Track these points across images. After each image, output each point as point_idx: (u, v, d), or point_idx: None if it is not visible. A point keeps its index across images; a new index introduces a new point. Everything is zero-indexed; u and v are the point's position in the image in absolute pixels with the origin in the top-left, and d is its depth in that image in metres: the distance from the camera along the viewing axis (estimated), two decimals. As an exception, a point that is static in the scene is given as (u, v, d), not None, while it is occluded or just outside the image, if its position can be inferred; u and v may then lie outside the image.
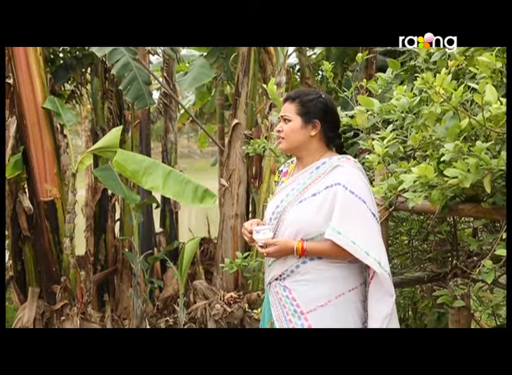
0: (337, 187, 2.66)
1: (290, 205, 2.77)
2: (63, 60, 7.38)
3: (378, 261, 2.62)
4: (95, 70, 7.37)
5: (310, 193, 2.73)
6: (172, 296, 7.05)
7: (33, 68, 6.18)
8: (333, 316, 2.70)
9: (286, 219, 2.76)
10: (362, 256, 2.61)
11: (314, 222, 2.68)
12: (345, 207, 2.64)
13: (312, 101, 2.79)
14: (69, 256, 6.13)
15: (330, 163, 2.74)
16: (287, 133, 2.79)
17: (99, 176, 6.61)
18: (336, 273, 2.73)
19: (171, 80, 7.88)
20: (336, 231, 2.62)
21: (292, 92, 2.94)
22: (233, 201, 6.66)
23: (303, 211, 2.72)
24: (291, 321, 2.73)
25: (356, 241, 2.62)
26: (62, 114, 6.34)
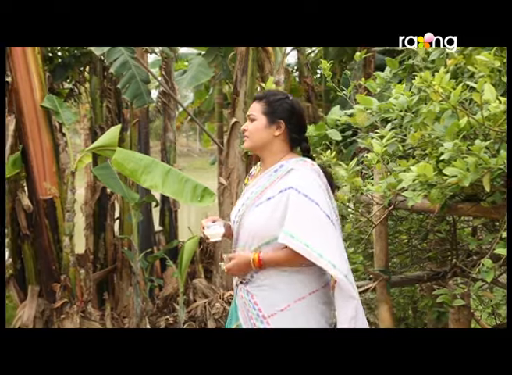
0: (290, 190, 2.67)
1: (248, 208, 2.77)
2: (61, 58, 7.39)
3: (333, 263, 2.61)
4: (94, 69, 7.37)
5: (265, 197, 2.74)
6: (172, 295, 7.05)
7: (31, 66, 6.18)
8: (293, 320, 2.71)
9: (244, 223, 2.76)
10: (315, 259, 2.60)
11: (268, 226, 2.68)
12: (297, 210, 2.65)
13: (278, 102, 2.80)
14: (69, 255, 6.12)
15: (286, 167, 2.76)
16: (251, 131, 2.81)
17: (98, 175, 6.61)
18: (294, 278, 2.73)
19: (169, 79, 7.87)
20: (288, 235, 2.62)
21: (260, 92, 3.00)
22: (232, 200, 6.66)
23: (258, 215, 2.72)
24: (255, 325, 2.76)
25: (309, 243, 2.61)
26: (61, 112, 6.33)
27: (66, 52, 7.33)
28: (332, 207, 2.75)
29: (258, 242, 2.71)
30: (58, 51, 7.33)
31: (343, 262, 2.66)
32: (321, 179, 2.76)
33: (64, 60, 7.29)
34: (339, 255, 2.67)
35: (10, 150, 6.26)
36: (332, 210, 2.74)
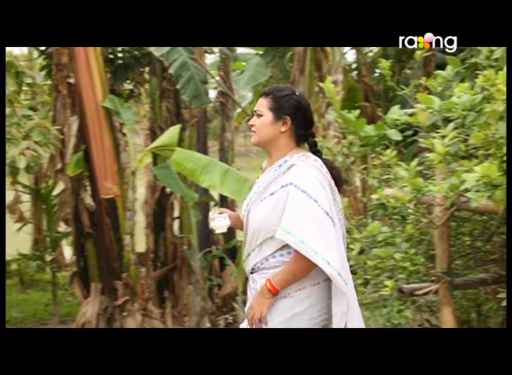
0: (290, 186, 2.70)
1: (254, 203, 2.82)
2: (122, 60, 7.49)
3: (327, 260, 2.63)
4: (153, 70, 7.45)
5: (269, 192, 2.77)
6: (231, 294, 7.09)
7: (93, 68, 6.30)
8: (290, 309, 2.75)
9: (250, 217, 2.82)
10: (310, 255, 2.63)
11: (271, 221, 2.72)
12: (295, 206, 2.67)
13: (284, 98, 2.82)
14: (130, 253, 6.23)
15: (289, 162, 2.78)
16: (258, 127, 2.84)
17: (158, 175, 6.69)
18: None
19: (227, 79, 7.91)
20: (285, 230, 2.65)
21: (267, 88, 2.99)
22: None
23: (261, 210, 2.77)
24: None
25: (304, 239, 2.64)
26: (122, 113, 6.45)
27: (127, 54, 7.43)
28: (333, 203, 2.77)
29: (263, 236, 2.77)
30: (118, 53, 7.44)
31: (338, 260, 2.68)
32: (323, 175, 2.79)
33: (124, 61, 7.40)
34: (335, 252, 2.69)
35: (73, 150, 6.41)
36: (332, 207, 2.76)
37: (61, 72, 6.45)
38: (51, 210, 7.49)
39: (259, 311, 2.77)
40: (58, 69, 6.45)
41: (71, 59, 6.32)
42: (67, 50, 6.31)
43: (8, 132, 5.81)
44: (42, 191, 7.59)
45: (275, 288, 2.72)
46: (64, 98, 6.52)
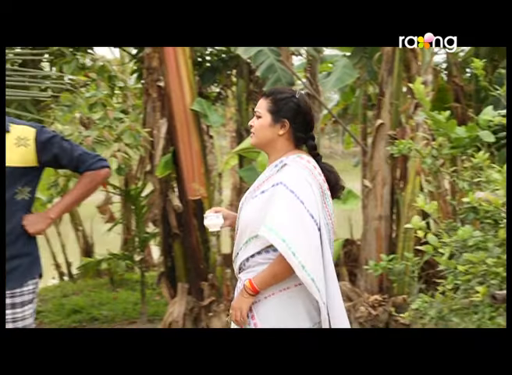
0: (279, 185, 2.70)
1: (246, 201, 2.85)
2: (210, 63, 7.59)
3: (303, 264, 2.61)
4: (240, 72, 7.52)
5: (260, 190, 2.78)
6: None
7: (182, 71, 6.42)
8: (275, 309, 2.76)
9: (241, 216, 2.85)
10: (288, 256, 2.62)
11: (258, 218, 2.72)
12: (281, 206, 2.67)
13: (284, 101, 2.81)
14: (216, 254, 6.30)
15: (284, 162, 2.77)
16: (257, 128, 2.84)
17: (244, 176, 6.74)
18: None
19: (314, 81, 7.88)
20: (268, 228, 2.65)
21: (268, 89, 3.03)
22: (377, 203, 6.56)
23: (251, 207, 2.79)
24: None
25: (286, 239, 2.62)
26: (209, 115, 6.53)
27: (215, 57, 7.53)
28: (322, 207, 2.76)
29: (249, 234, 2.78)
30: (206, 56, 7.55)
31: (315, 265, 2.68)
32: (314, 177, 2.77)
33: (212, 64, 7.49)
34: (313, 256, 2.68)
35: (162, 152, 6.54)
36: (320, 210, 2.75)
37: (151, 75, 6.61)
38: (140, 211, 7.66)
39: (239, 310, 2.80)
40: (149, 73, 6.60)
41: (161, 63, 6.46)
42: (157, 54, 6.45)
43: (101, 135, 5.99)
44: (132, 192, 7.78)
45: (254, 288, 2.74)
46: (154, 101, 6.67)
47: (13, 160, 3.29)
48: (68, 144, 3.43)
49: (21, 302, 3.35)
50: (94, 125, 6.15)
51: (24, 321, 3.38)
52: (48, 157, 3.36)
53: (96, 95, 6.35)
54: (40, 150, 3.33)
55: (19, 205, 3.33)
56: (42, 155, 3.34)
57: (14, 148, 3.30)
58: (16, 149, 3.30)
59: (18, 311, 3.34)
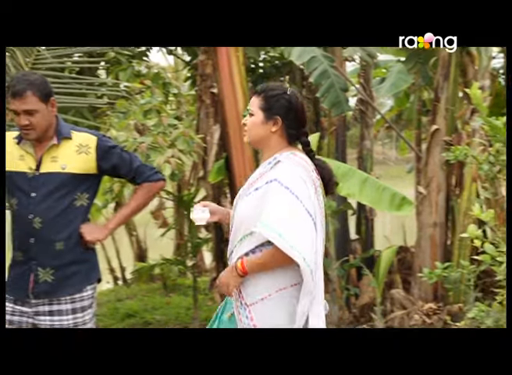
0: (274, 182, 2.71)
1: (240, 198, 2.86)
2: (263, 69, 7.61)
3: (303, 256, 2.62)
4: (293, 78, 7.52)
5: (254, 187, 2.80)
6: (369, 304, 6.97)
7: (235, 77, 6.45)
8: (273, 309, 2.77)
9: (236, 212, 2.86)
10: (287, 249, 2.63)
11: (252, 216, 2.73)
12: (276, 202, 2.68)
13: (275, 97, 2.82)
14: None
15: (277, 159, 2.79)
16: (249, 126, 2.86)
17: (296, 183, 6.72)
18: (278, 268, 2.76)
19: (367, 87, 7.84)
20: (263, 224, 2.66)
21: (260, 86, 2.97)
22: (432, 210, 6.46)
23: (245, 204, 2.80)
24: (240, 313, 2.83)
25: (282, 233, 2.63)
26: (262, 122, 6.53)
27: (268, 63, 7.55)
28: (316, 203, 2.75)
29: (244, 232, 2.80)
30: (260, 62, 7.58)
31: (313, 258, 2.69)
32: (308, 174, 2.78)
33: (265, 71, 7.52)
34: (311, 250, 2.68)
35: (215, 158, 6.58)
36: (315, 206, 2.75)
37: (205, 82, 6.66)
38: (193, 216, 7.70)
39: (225, 285, 2.83)
40: (203, 80, 6.66)
41: (215, 70, 6.51)
42: (211, 61, 6.50)
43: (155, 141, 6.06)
44: (185, 197, 7.83)
45: (244, 270, 2.76)
46: (207, 108, 6.72)
47: (74, 167, 3.35)
48: (127, 155, 3.49)
49: (81, 307, 3.41)
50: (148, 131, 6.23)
51: (85, 326, 3.44)
52: (107, 166, 3.42)
53: (151, 102, 6.43)
54: (101, 158, 3.39)
55: (77, 212, 3.40)
56: (102, 164, 3.40)
57: (75, 155, 3.37)
58: (77, 156, 3.36)
59: (78, 316, 3.40)
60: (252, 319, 2.80)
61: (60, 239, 3.33)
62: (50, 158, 3.35)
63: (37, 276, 3.34)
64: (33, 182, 3.33)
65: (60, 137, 3.36)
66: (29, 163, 3.36)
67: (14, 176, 3.37)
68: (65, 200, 3.34)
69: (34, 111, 3.25)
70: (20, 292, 3.37)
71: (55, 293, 3.35)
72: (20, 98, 3.21)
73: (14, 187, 3.38)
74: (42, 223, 3.31)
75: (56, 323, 3.35)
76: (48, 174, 3.33)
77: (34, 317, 3.37)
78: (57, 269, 3.35)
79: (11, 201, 3.41)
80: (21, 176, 3.35)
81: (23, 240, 3.36)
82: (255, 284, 2.82)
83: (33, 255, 3.34)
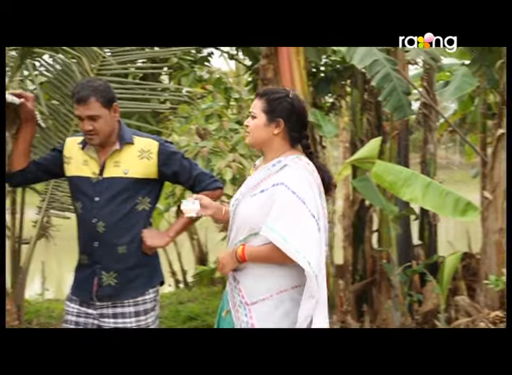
0: (280, 186, 2.74)
1: (243, 198, 2.88)
2: (324, 73, 7.58)
3: (308, 260, 2.65)
4: (355, 82, 7.47)
5: (259, 189, 2.82)
6: (432, 311, 6.85)
7: (296, 82, 6.42)
8: (273, 310, 2.79)
9: (238, 212, 2.88)
10: (292, 253, 2.66)
11: (257, 217, 2.77)
12: (282, 205, 2.71)
13: (278, 100, 2.86)
14: (329, 265, 6.25)
15: (283, 162, 2.82)
16: (252, 129, 2.89)
17: (358, 187, 6.67)
18: (280, 270, 2.80)
19: (431, 90, 7.71)
20: (269, 228, 2.70)
21: (262, 89, 3.00)
22: (497, 215, 6.31)
23: (250, 205, 2.83)
24: (238, 311, 2.88)
25: (287, 238, 2.67)
26: (323, 126, 6.51)
27: (329, 67, 7.52)
28: (320, 207, 2.80)
29: (247, 232, 2.82)
30: (321, 66, 7.55)
31: (317, 263, 2.74)
32: (314, 178, 2.81)
33: (327, 75, 7.48)
34: (316, 254, 2.72)
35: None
36: (320, 210, 2.79)
37: (266, 86, 6.66)
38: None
39: (223, 265, 2.90)
40: (264, 84, 6.65)
41: (276, 74, 6.50)
42: (272, 65, 6.50)
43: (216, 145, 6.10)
44: (245, 201, 7.87)
45: (244, 257, 2.81)
46: (268, 112, 6.72)
47: (136, 172, 3.39)
48: (187, 163, 3.51)
49: (144, 310, 3.45)
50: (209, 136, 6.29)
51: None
52: (168, 171, 3.45)
53: (212, 107, 6.49)
54: (162, 164, 3.42)
55: (139, 216, 3.44)
56: (163, 169, 3.43)
57: (137, 160, 3.41)
58: (139, 161, 3.41)
59: (141, 319, 3.44)
60: (251, 318, 2.84)
61: (122, 243, 3.38)
62: (113, 163, 3.40)
63: (100, 279, 3.40)
64: (97, 187, 3.39)
65: (122, 142, 3.41)
66: (92, 168, 3.42)
67: (78, 181, 3.44)
68: (127, 204, 3.38)
69: (97, 116, 3.31)
70: (85, 295, 3.44)
71: (118, 296, 3.40)
72: (84, 104, 3.28)
73: (78, 191, 3.45)
74: (105, 227, 3.36)
75: (120, 325, 3.40)
76: (110, 179, 3.39)
77: (99, 319, 3.42)
78: (120, 273, 3.40)
79: (75, 205, 3.49)
80: (85, 181, 3.42)
81: (87, 243, 3.43)
82: (257, 284, 2.85)
83: (97, 258, 3.40)
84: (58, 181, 5.70)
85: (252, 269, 2.87)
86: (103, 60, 5.93)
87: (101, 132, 3.34)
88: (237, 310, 2.90)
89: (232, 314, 2.95)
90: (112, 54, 6.04)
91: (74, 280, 3.56)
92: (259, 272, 2.86)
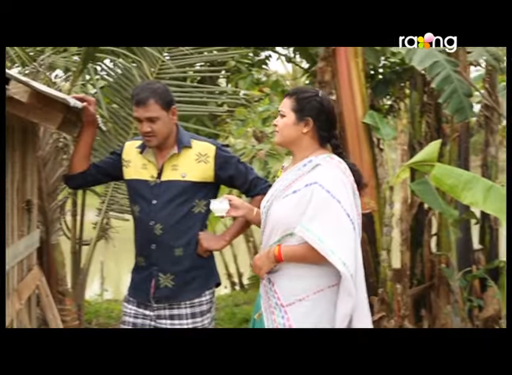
0: (314, 185, 2.75)
1: (276, 199, 2.88)
2: (383, 75, 7.51)
3: (343, 261, 2.66)
4: (414, 84, 7.37)
5: (292, 190, 2.83)
6: (493, 317, 6.70)
7: (354, 84, 6.39)
8: (310, 311, 2.80)
9: (271, 213, 2.89)
10: (327, 254, 2.67)
11: (291, 217, 2.78)
12: (318, 205, 2.71)
13: (307, 99, 2.87)
14: (386, 269, 6.18)
15: (314, 162, 2.83)
16: (281, 127, 2.91)
17: (416, 190, 6.56)
18: (315, 270, 2.80)
19: (493, 92, 7.55)
20: (304, 228, 2.71)
21: (291, 88, 3.03)
22: (561, 219, 6.11)
23: (283, 206, 2.83)
24: (273, 313, 2.87)
25: (323, 238, 2.67)
26: (381, 128, 6.44)
27: (387, 69, 7.45)
28: (354, 206, 2.80)
29: (282, 233, 2.83)
30: (379, 68, 7.48)
31: (353, 262, 2.75)
32: (347, 177, 2.83)
33: (385, 77, 7.42)
34: (352, 254, 2.73)
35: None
36: (354, 209, 2.80)
37: (323, 89, 6.64)
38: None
39: (258, 268, 2.90)
40: (321, 87, 6.63)
41: (333, 76, 6.48)
42: (330, 68, 6.48)
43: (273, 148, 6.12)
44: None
45: (280, 257, 2.82)
46: (325, 115, 6.69)
47: (193, 175, 3.43)
48: (243, 167, 3.54)
49: (200, 312, 3.49)
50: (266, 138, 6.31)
51: None
52: (224, 175, 3.48)
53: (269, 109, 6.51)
54: (219, 168, 3.45)
55: (196, 219, 3.47)
56: (220, 173, 3.46)
57: (194, 163, 3.44)
58: (197, 165, 3.44)
59: (198, 320, 3.48)
60: (288, 319, 2.84)
61: (179, 245, 3.42)
62: (171, 167, 3.44)
63: (158, 281, 3.44)
64: (155, 190, 3.44)
65: (181, 146, 3.45)
66: (151, 171, 3.47)
67: (137, 184, 3.49)
68: (184, 207, 3.42)
69: (156, 118, 3.35)
70: (142, 296, 3.49)
71: (175, 298, 3.44)
72: (143, 106, 3.33)
73: (136, 194, 3.50)
74: (163, 230, 3.40)
75: (176, 326, 3.44)
76: (168, 182, 3.43)
77: (156, 321, 3.47)
78: (177, 275, 3.43)
79: (133, 208, 3.55)
80: (144, 184, 3.47)
81: (144, 246, 3.47)
82: (293, 285, 2.85)
83: (155, 260, 3.44)
84: (118, 183, 5.82)
85: (287, 269, 2.88)
86: (162, 64, 6.02)
87: (160, 134, 3.38)
88: (272, 312, 2.90)
89: (264, 317, 2.95)
90: (171, 58, 6.12)
91: (131, 281, 3.62)
92: (295, 272, 2.86)
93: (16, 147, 3.96)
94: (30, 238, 4.38)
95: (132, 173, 3.53)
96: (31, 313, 4.51)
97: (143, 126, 3.37)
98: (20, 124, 3.98)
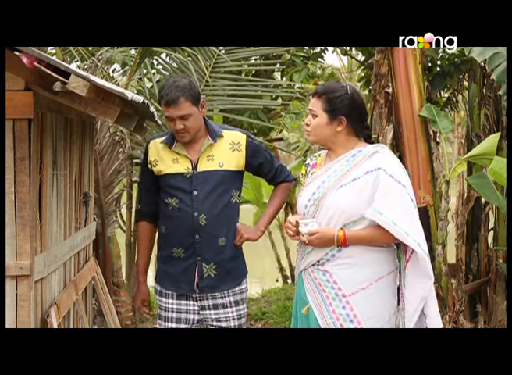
0: (378, 171, 2.79)
1: (330, 190, 2.87)
2: (441, 68, 7.41)
3: (418, 242, 2.72)
4: (473, 76, 7.24)
5: (350, 178, 2.83)
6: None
7: (411, 77, 6.32)
8: (373, 299, 2.84)
9: (326, 205, 2.87)
10: (402, 236, 2.71)
11: (356, 205, 2.79)
12: (386, 190, 2.75)
13: (338, 99, 2.88)
14: (441, 264, 6.11)
15: (367, 150, 2.86)
16: (314, 127, 2.92)
17: (473, 184, 6.46)
18: (376, 257, 2.84)
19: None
20: (377, 211, 2.73)
21: (320, 87, 2.98)
22: None
23: (344, 195, 2.82)
24: (331, 304, 2.87)
25: (396, 221, 2.71)
26: (438, 121, 6.35)
27: (446, 61, 7.33)
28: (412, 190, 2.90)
29: (344, 221, 2.83)
30: (437, 61, 7.37)
31: (425, 243, 2.83)
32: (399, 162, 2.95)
33: (443, 69, 7.31)
34: (423, 235, 2.84)
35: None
36: (413, 193, 2.94)
37: (379, 82, 6.58)
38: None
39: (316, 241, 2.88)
40: (377, 80, 6.59)
41: (390, 69, 6.42)
42: (387, 60, 6.42)
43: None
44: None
45: (345, 240, 2.83)
46: (381, 108, 6.64)
47: (230, 164, 3.48)
48: (269, 155, 3.61)
49: (241, 299, 3.59)
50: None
51: (245, 318, 3.59)
52: (254, 163, 3.54)
53: (324, 102, 6.46)
54: (250, 156, 3.51)
55: (234, 208, 3.55)
56: (251, 161, 3.53)
57: (229, 152, 3.49)
58: (231, 154, 3.49)
59: (241, 308, 3.56)
60: (352, 309, 2.86)
61: (222, 235, 3.48)
62: (206, 157, 3.47)
63: (201, 271, 3.48)
64: (194, 181, 3.46)
65: (215, 136, 3.48)
66: (184, 164, 3.49)
67: (171, 178, 3.50)
68: (224, 197, 3.47)
69: (189, 115, 3.39)
70: (185, 288, 3.52)
71: (218, 287, 3.50)
72: (175, 105, 3.35)
73: (173, 188, 3.50)
74: (206, 220, 3.44)
75: (221, 315, 3.50)
76: (207, 172, 3.46)
77: (200, 312, 3.52)
78: (219, 265, 3.49)
79: (170, 201, 3.51)
80: (180, 177, 3.48)
81: (185, 237, 3.48)
82: (354, 274, 2.88)
83: (198, 251, 3.48)
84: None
85: (347, 258, 2.89)
86: (217, 58, 6.07)
87: (192, 129, 3.42)
88: (330, 304, 2.91)
89: (314, 310, 2.96)
90: (226, 51, 6.17)
91: (164, 273, 3.63)
92: (353, 261, 2.88)
93: (75, 140, 4.05)
94: (86, 230, 4.48)
95: (164, 169, 3.53)
96: (87, 304, 4.62)
97: (176, 124, 3.40)
98: (79, 118, 4.08)
